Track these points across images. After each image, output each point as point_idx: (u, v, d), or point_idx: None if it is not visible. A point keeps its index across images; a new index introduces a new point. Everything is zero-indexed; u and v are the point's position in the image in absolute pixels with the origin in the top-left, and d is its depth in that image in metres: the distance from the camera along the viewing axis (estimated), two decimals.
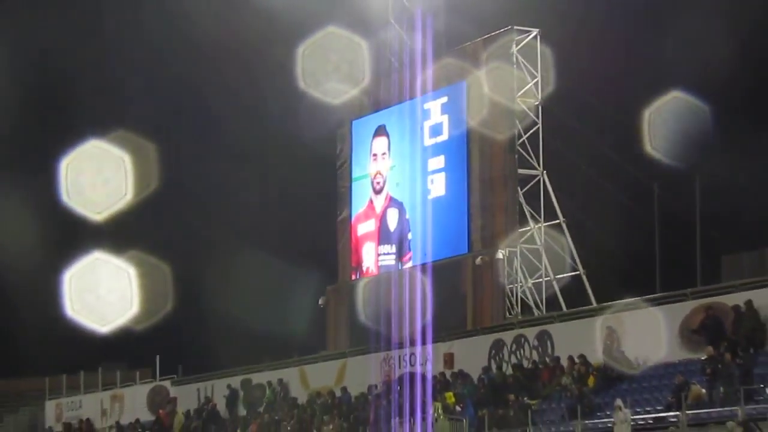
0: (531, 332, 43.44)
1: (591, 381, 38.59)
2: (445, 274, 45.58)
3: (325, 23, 46.93)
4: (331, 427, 45.38)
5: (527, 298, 46.82)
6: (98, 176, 49.11)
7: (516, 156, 45.89)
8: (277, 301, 61.50)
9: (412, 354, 40.64)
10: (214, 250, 68.58)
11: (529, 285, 46.84)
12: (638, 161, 44.73)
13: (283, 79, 51.38)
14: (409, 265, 46.66)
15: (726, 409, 32.46)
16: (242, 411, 52.06)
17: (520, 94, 46.32)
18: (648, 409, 35.83)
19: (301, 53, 48.41)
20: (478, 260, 46.26)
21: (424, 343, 39.14)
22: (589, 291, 45.72)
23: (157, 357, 59.22)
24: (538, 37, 46.46)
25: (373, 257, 50.91)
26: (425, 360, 40.79)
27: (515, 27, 45.98)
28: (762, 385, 33.00)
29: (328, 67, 48.72)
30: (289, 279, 59.35)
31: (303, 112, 51.66)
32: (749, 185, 45.93)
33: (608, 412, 35.55)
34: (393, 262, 49.13)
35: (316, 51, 48.44)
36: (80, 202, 49.77)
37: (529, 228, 46.13)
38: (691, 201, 41.93)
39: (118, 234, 60.91)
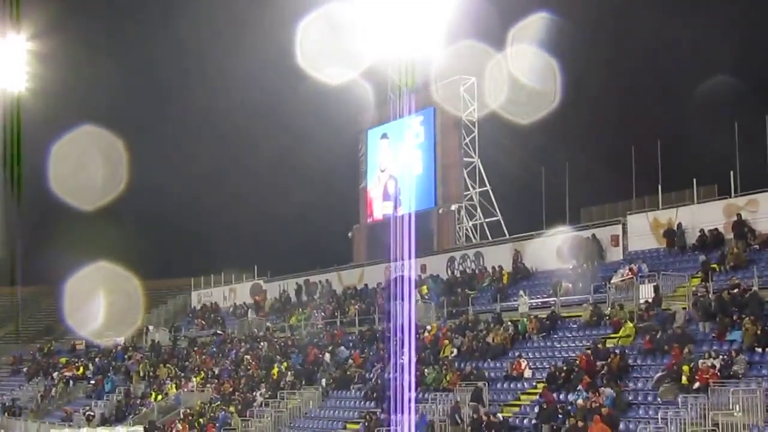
0: (470, 252, 48.74)
1: (505, 279, 43.84)
2: (421, 219, 46.78)
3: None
4: (356, 307, 49.41)
5: (469, 233, 51.93)
6: None
7: (462, 151, 51.52)
8: (326, 233, 64.82)
9: (402, 265, 40.07)
10: (289, 207, 71.82)
11: (470, 225, 51.79)
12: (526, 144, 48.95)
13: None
14: (400, 213, 47.43)
15: (583, 296, 38.10)
16: (304, 298, 56.39)
17: (465, 114, 51.19)
18: (538, 296, 40.74)
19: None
20: (441, 211, 52.00)
21: (409, 258, 38.13)
22: (504, 228, 50.78)
23: (255, 265, 63.63)
24: (475, 83, 50.89)
25: (379, 209, 55.94)
26: (410, 268, 40.12)
27: (462, 75, 50.58)
28: (604, 283, 37.81)
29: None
30: (333, 221, 62.83)
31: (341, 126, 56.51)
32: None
33: (515, 299, 41.05)
34: (391, 212, 52.57)
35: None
36: None
37: (469, 192, 51.72)
38: (560, 180, 45.74)
39: None
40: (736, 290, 31.09)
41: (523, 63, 47.32)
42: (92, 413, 52.49)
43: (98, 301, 65.92)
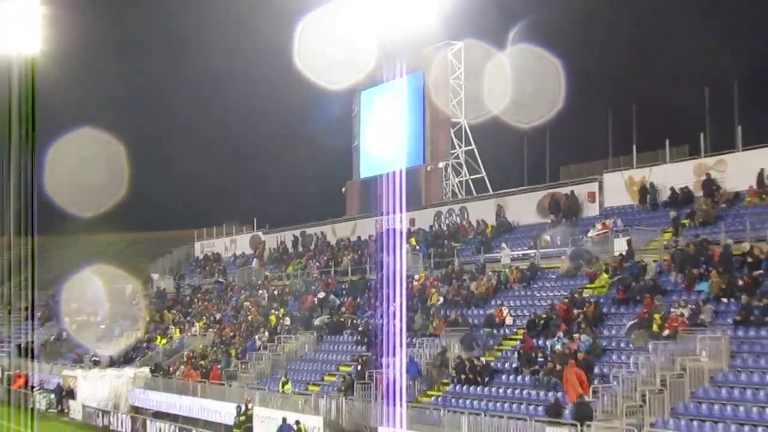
0: (456, 206, 48.66)
1: (489, 232, 43.87)
2: (410, 176, 45.72)
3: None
4: (349, 258, 49.52)
5: (455, 188, 51.72)
6: None
7: (449, 111, 51.07)
8: (321, 188, 65.17)
9: (393, 218, 37.85)
10: (286, 163, 72.97)
11: (456, 181, 51.60)
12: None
13: None
14: (391, 170, 45.05)
15: (561, 249, 38.24)
16: (300, 249, 56.30)
17: (452, 77, 50.91)
18: (519, 249, 40.74)
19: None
20: (429, 168, 51.88)
21: (399, 212, 36.57)
22: (488, 185, 50.71)
23: (255, 218, 63.89)
24: (462, 48, 50.75)
25: (374, 168, 53.95)
26: (400, 221, 37.85)
27: (449, 41, 50.30)
28: (581, 236, 37.92)
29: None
30: (327, 177, 63.28)
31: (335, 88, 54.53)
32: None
33: (497, 251, 41.20)
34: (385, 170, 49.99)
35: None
36: None
37: (455, 150, 51.62)
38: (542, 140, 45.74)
39: None
40: (704, 244, 31.14)
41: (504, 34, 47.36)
42: (97, 358, 52.89)
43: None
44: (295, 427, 31.95)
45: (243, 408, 35.54)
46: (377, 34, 46.95)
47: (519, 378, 30.13)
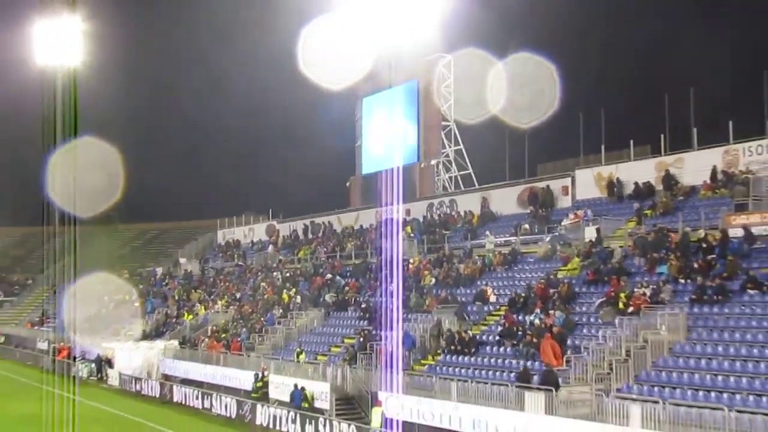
0: (446, 199, 48.64)
1: (475, 221, 43.89)
2: (406, 172, 46.87)
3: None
4: (352, 244, 49.33)
5: (445, 183, 52.30)
6: None
7: (440, 116, 51.77)
8: (328, 183, 65.53)
9: (391, 209, 39.37)
10: (297, 161, 72.92)
11: (446, 177, 52.04)
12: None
13: None
14: (389, 167, 45.17)
15: (538, 236, 38.59)
16: (310, 236, 56.20)
17: (443, 85, 51.22)
18: (501, 236, 40.69)
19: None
20: (422, 165, 52.09)
21: (397, 204, 37.91)
22: (474, 180, 51.16)
23: (270, 209, 64.11)
24: (452, 60, 50.95)
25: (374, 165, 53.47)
26: (397, 212, 40.33)
27: (441, 54, 50.52)
28: (555, 225, 38.09)
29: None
30: (333, 173, 63.40)
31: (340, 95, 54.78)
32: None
33: (482, 237, 41.12)
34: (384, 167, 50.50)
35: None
36: None
37: (445, 150, 52.11)
38: (521, 140, 45.51)
39: None
40: (663, 232, 31.29)
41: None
42: (132, 332, 52.94)
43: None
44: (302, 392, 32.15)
45: (260, 375, 35.46)
46: (378, 47, 46.52)
47: (501, 349, 30.11)
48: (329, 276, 46.10)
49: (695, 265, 28.40)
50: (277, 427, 30.99)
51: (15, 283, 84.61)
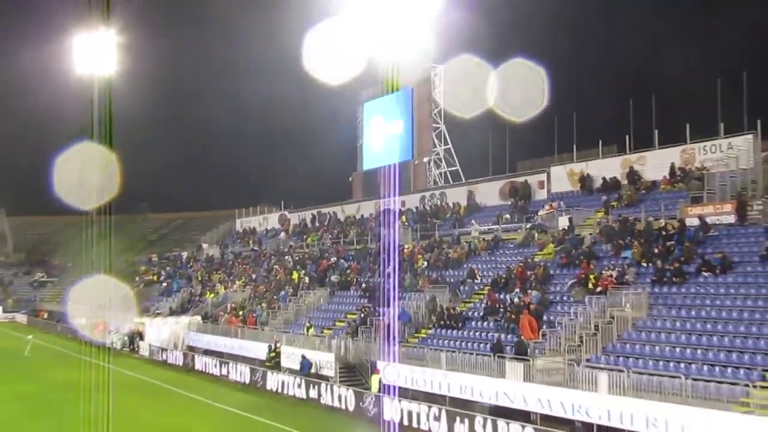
0: (437, 192, 48.42)
1: (462, 212, 43.99)
2: (402, 168, 48.64)
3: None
4: (354, 231, 49.41)
5: (436, 178, 51.74)
6: None
7: (431, 119, 51.08)
8: (333, 178, 65.07)
9: (389, 201, 40.91)
10: (306, 159, 72.44)
11: (437, 172, 51.60)
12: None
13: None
14: (387, 164, 47.07)
15: (518, 224, 38.42)
16: (317, 224, 56.39)
17: (434, 92, 50.75)
18: (485, 224, 40.54)
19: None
20: (416, 162, 51.58)
21: (393, 196, 39.59)
22: (462, 175, 50.58)
23: (282, 201, 63.83)
24: (442, 70, 50.46)
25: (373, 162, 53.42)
26: (394, 203, 41.90)
27: (432, 64, 50.20)
28: (532, 215, 38.15)
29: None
30: (337, 169, 62.36)
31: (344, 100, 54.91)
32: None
33: (469, 226, 41.13)
34: (382, 163, 50.82)
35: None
36: None
37: (436, 149, 51.42)
38: (503, 140, 44.98)
39: None
40: (628, 221, 31.30)
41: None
42: (159, 310, 52.75)
43: None
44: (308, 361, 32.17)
45: (273, 347, 35.66)
46: (378, 58, 46.19)
47: (485, 324, 30.06)
48: (334, 259, 45.94)
49: (656, 251, 28.34)
50: (285, 392, 31.10)
51: (57, 266, 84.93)
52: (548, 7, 56.27)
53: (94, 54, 52.91)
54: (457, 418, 22.61)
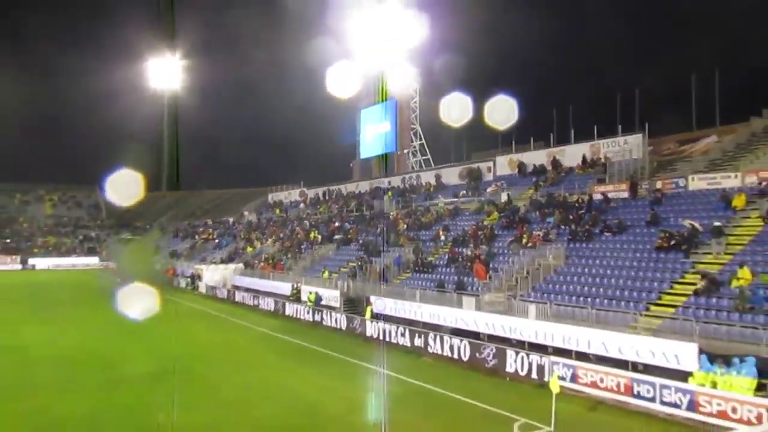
0: (414, 174, 46.63)
1: (431, 189, 42.55)
2: (389, 157, 49.07)
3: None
4: (354, 203, 48.06)
5: (413, 164, 50.80)
6: None
7: (410, 121, 50.31)
8: (339, 163, 63.79)
9: (379, 181, 42.23)
10: (319, 150, 72.58)
11: (414, 160, 50.78)
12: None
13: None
14: (378, 154, 49.73)
15: (472, 198, 37.29)
16: (327, 197, 54.76)
17: (412, 102, 49.94)
18: (449, 198, 39.07)
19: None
20: (399, 153, 50.75)
21: (382, 177, 40.20)
22: (432, 162, 49.49)
23: (302, 180, 61.85)
24: (419, 87, 49.10)
25: (368, 152, 53.59)
26: (382, 183, 43.26)
27: (412, 81, 48.71)
28: (483, 191, 37.21)
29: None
30: (342, 157, 60.29)
31: (348, 106, 53.33)
32: None
33: (436, 199, 39.84)
34: (374, 153, 52.46)
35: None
36: None
37: (413, 143, 50.50)
38: (463, 136, 44.33)
39: None
40: (552, 196, 31.04)
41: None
42: (213, 260, 52.18)
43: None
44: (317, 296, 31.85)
45: (295, 286, 35.31)
46: (373, 77, 45.58)
47: (448, 269, 29.68)
48: (338, 223, 45.25)
49: (571, 217, 28.11)
50: (299, 317, 30.87)
51: (139, 227, 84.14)
52: (497, 40, 55.39)
53: (164, 73, 52.47)
54: (416, 335, 22.70)
